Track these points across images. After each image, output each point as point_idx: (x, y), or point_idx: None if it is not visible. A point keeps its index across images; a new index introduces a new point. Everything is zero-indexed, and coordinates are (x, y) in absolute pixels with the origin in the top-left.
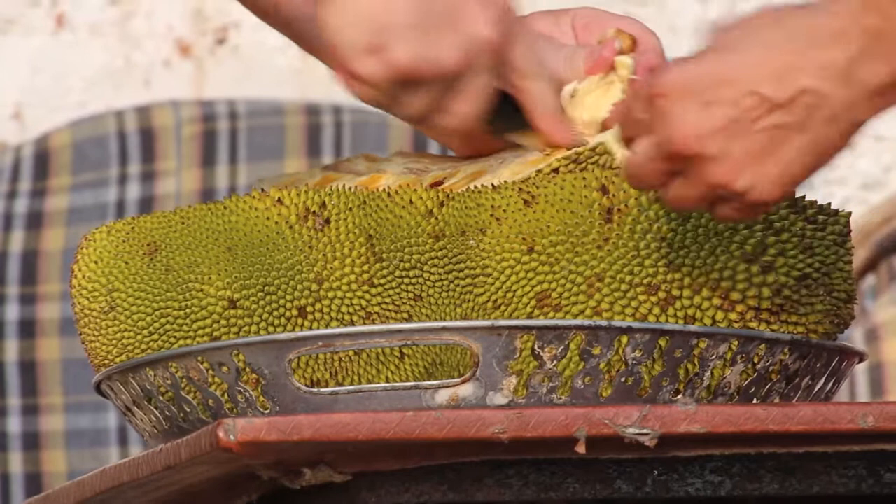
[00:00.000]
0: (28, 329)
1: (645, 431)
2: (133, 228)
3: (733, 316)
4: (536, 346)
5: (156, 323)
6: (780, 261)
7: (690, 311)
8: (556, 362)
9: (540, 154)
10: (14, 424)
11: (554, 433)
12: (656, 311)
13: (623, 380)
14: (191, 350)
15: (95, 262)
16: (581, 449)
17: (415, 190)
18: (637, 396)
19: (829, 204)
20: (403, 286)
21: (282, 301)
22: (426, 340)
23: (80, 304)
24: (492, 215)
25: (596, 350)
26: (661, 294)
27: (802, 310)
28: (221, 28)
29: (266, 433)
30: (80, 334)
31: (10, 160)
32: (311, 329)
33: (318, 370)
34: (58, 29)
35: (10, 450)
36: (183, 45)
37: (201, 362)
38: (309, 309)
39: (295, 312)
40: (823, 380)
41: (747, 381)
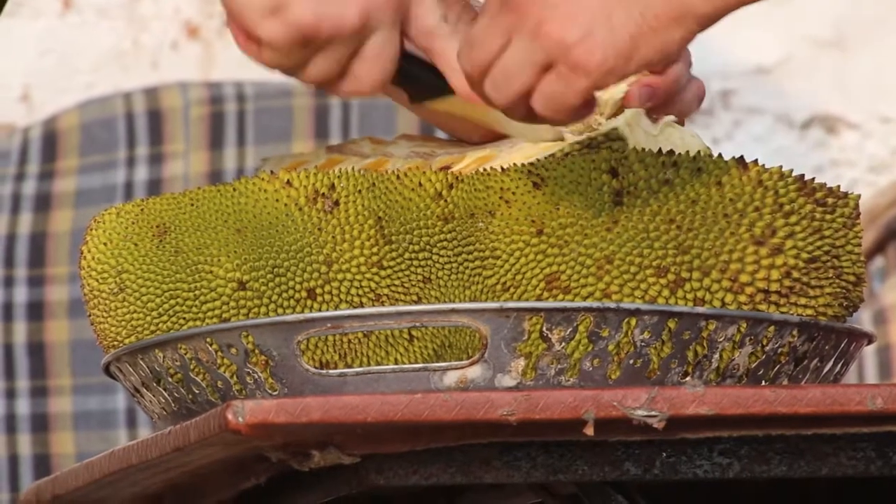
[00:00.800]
0: (36, 311)
1: (653, 413)
2: (142, 210)
3: (742, 298)
4: (545, 328)
5: (165, 304)
6: (790, 243)
7: (700, 294)
8: (564, 344)
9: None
10: (23, 406)
11: (562, 415)
12: (665, 293)
13: (631, 362)
14: (200, 331)
15: (105, 244)
16: (589, 431)
17: (424, 172)
18: (645, 378)
19: (839, 186)
20: (412, 268)
21: (291, 283)
22: (435, 322)
23: (89, 285)
24: (501, 198)
25: (604, 332)
26: (671, 276)
27: (811, 292)
28: None
29: (275, 415)
30: (90, 316)
31: (18, 142)
32: (320, 311)
33: (326, 352)
34: (65, 11)
35: (18, 431)
36: (191, 26)
37: (210, 344)
38: (318, 291)
39: (304, 294)
40: (832, 362)
41: (756, 364)
